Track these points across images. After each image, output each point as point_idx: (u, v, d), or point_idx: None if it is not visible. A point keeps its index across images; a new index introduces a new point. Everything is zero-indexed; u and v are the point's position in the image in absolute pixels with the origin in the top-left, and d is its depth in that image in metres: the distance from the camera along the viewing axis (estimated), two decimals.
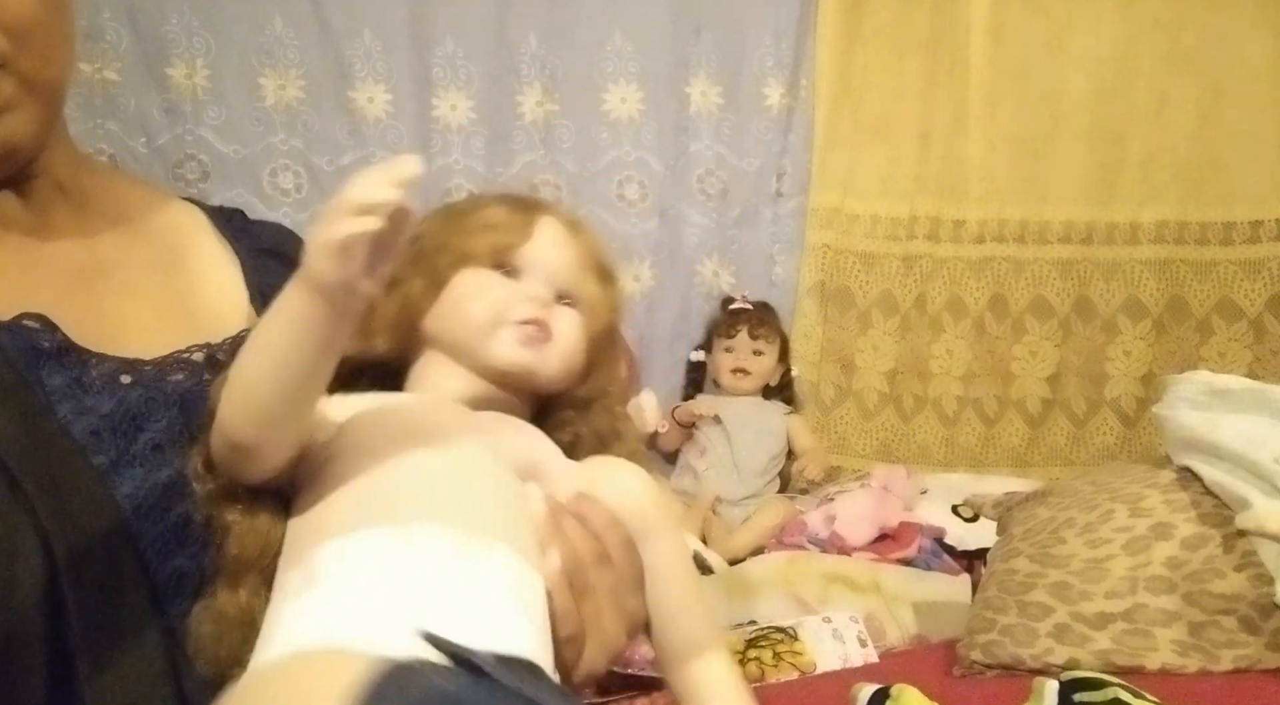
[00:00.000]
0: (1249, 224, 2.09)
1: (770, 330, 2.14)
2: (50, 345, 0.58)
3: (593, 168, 2.17)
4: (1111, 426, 2.17)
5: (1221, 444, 1.10)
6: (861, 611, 1.47)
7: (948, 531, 1.79)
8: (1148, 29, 2.10)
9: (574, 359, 0.66)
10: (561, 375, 0.66)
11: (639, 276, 2.20)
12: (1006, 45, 2.15)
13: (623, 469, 0.65)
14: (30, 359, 0.56)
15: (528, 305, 0.64)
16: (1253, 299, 2.08)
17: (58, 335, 0.58)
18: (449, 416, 0.61)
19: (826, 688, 0.97)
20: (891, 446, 2.25)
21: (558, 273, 0.66)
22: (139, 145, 1.94)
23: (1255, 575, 1.03)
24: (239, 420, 0.51)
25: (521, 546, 0.53)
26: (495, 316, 0.63)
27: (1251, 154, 2.07)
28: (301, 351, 0.49)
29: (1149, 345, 2.15)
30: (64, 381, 0.58)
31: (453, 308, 0.64)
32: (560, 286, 0.67)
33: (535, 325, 0.63)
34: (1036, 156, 2.17)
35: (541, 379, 0.65)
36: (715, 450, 2.06)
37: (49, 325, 0.58)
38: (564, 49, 2.12)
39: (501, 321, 0.63)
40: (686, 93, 2.18)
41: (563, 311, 0.66)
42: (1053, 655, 1.06)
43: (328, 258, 0.46)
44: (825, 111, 2.23)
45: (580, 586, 0.56)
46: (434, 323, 0.65)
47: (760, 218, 2.25)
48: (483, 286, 0.64)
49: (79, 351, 0.59)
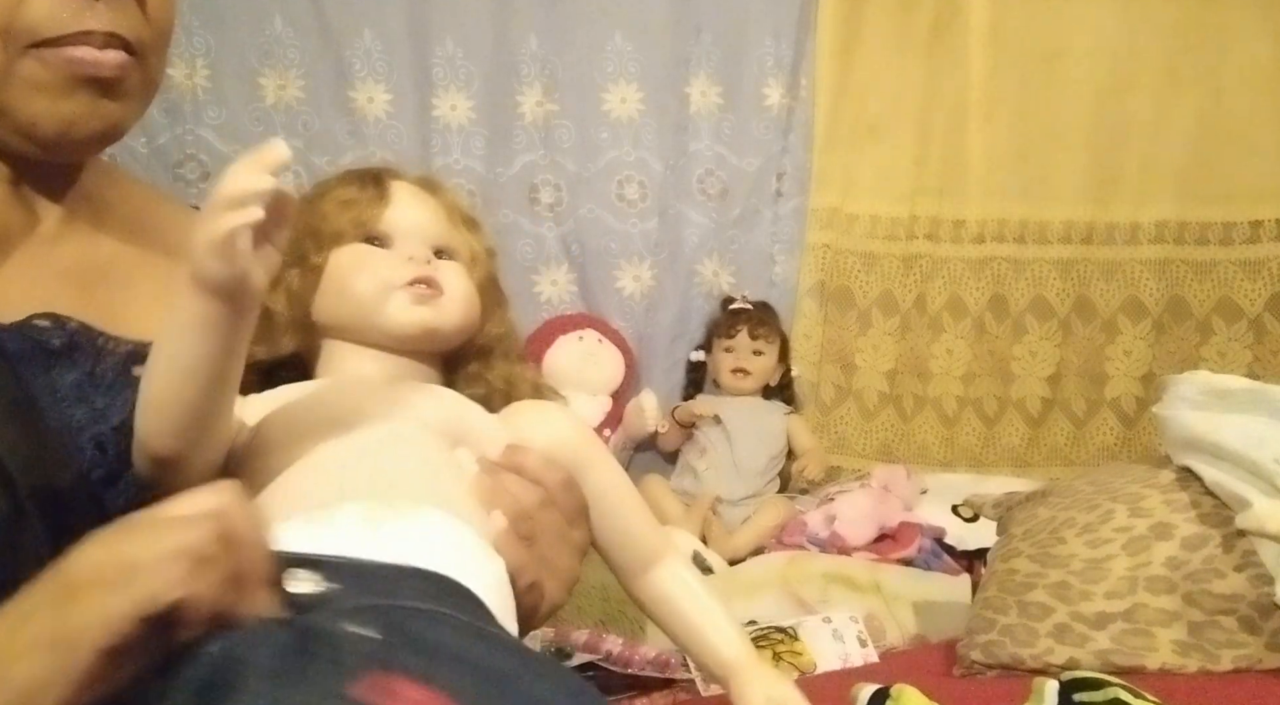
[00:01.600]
0: (1249, 224, 2.09)
1: (770, 330, 2.14)
2: (60, 342, 0.58)
3: (593, 168, 2.17)
4: (1111, 426, 2.17)
5: (1221, 444, 1.10)
6: (861, 611, 1.46)
7: (948, 531, 1.79)
8: (1148, 29, 2.09)
9: (471, 306, 0.67)
10: (463, 325, 0.66)
11: (639, 276, 2.20)
12: (1006, 45, 2.15)
13: (543, 411, 0.66)
14: (39, 361, 0.56)
15: (409, 267, 0.64)
16: (1253, 299, 2.08)
17: (70, 326, 0.58)
18: (362, 396, 0.61)
19: (826, 688, 0.97)
20: (891, 446, 2.25)
21: (426, 230, 0.67)
22: (139, 145, 1.94)
23: (1255, 575, 1.02)
24: (157, 435, 0.51)
25: (455, 509, 0.54)
26: (381, 285, 0.63)
27: (1251, 154, 2.06)
28: (208, 356, 0.49)
29: (1149, 345, 2.15)
30: (75, 378, 0.58)
31: (337, 289, 0.64)
32: (434, 242, 0.67)
33: (423, 283, 0.64)
34: (1036, 157, 2.17)
35: (446, 333, 0.65)
36: (715, 450, 2.06)
37: (59, 321, 0.58)
38: (564, 49, 2.12)
39: (388, 288, 0.63)
40: (686, 93, 2.18)
41: (445, 265, 0.66)
42: (1053, 655, 1.06)
43: (214, 255, 0.46)
44: (825, 111, 2.23)
45: (529, 534, 0.57)
46: (323, 309, 0.65)
47: (760, 218, 2.25)
48: (359, 261, 0.64)
49: (91, 340, 0.59)
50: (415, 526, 0.51)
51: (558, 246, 2.17)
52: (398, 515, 0.51)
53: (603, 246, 2.17)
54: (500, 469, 0.59)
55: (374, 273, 0.64)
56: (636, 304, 2.20)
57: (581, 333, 2.09)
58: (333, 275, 0.65)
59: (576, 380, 2.06)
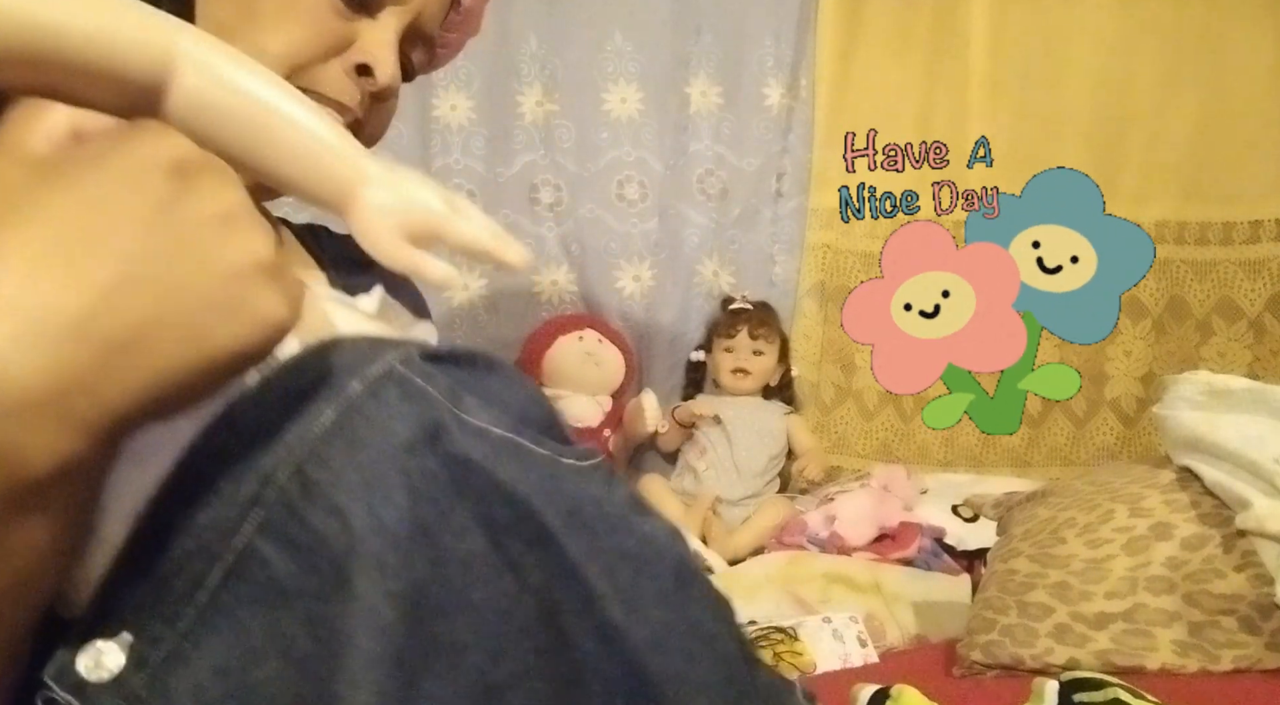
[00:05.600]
0: (1249, 224, 2.09)
1: (770, 330, 2.14)
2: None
3: (593, 168, 2.17)
4: (1111, 426, 2.17)
5: (1221, 444, 1.10)
6: (861, 611, 1.46)
7: (948, 531, 1.79)
8: (1148, 29, 2.10)
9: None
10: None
11: (639, 276, 2.20)
12: (1006, 45, 2.15)
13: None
14: None
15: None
16: (1253, 299, 2.08)
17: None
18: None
19: (826, 688, 0.96)
20: (891, 446, 2.25)
21: None
22: None
23: (1255, 575, 1.03)
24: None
25: None
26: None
27: (1251, 154, 2.06)
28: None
29: (1149, 345, 2.15)
30: None
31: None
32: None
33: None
34: (1036, 157, 2.17)
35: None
36: (715, 450, 2.06)
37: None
38: (564, 49, 2.12)
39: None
40: (686, 93, 2.18)
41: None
42: (1053, 655, 1.06)
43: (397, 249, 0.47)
44: (825, 111, 2.23)
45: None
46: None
47: (760, 218, 2.25)
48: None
49: None
50: None
51: (558, 246, 2.17)
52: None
53: (603, 246, 2.17)
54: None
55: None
56: (636, 304, 2.20)
57: (581, 333, 2.08)
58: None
59: (576, 380, 2.06)
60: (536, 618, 0.39)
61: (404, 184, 0.48)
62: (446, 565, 0.37)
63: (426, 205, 0.48)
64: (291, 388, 0.38)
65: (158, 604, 0.36)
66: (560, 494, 0.40)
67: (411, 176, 0.49)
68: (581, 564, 0.39)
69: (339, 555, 0.35)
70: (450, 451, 0.38)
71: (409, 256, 0.46)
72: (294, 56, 0.58)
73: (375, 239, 0.46)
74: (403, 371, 0.39)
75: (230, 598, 0.35)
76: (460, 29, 0.73)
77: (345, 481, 0.36)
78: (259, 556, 0.36)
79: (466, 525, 0.38)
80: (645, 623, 0.40)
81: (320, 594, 0.35)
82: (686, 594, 0.42)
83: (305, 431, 0.37)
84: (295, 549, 0.35)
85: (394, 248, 0.46)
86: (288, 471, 0.36)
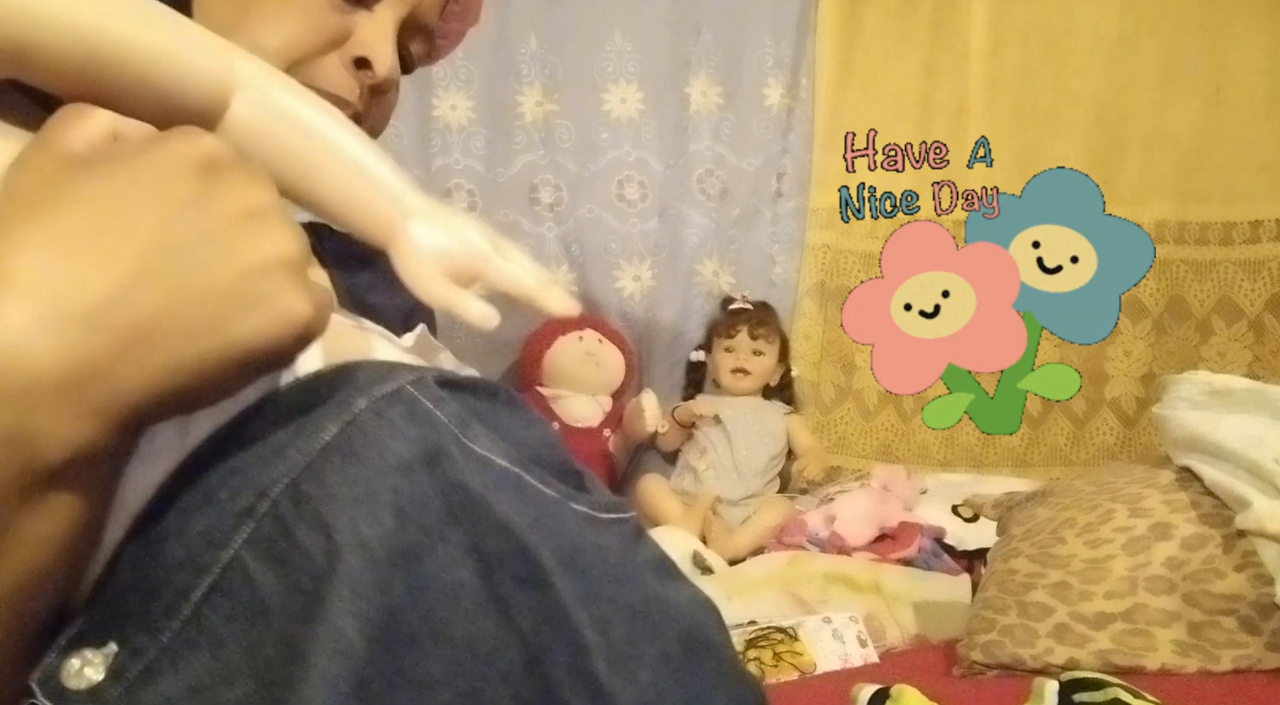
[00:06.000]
0: (1249, 224, 2.09)
1: (770, 330, 2.14)
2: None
3: (593, 168, 2.17)
4: (1111, 426, 2.17)
5: (1221, 444, 1.10)
6: (861, 611, 1.46)
7: (948, 531, 1.79)
8: (1148, 29, 2.10)
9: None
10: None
11: (639, 276, 2.20)
12: (1006, 45, 2.15)
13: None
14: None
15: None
16: (1253, 299, 2.08)
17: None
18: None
19: (826, 688, 0.97)
20: (891, 446, 2.25)
21: None
22: None
23: (1255, 575, 1.02)
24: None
25: None
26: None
27: (1251, 154, 2.06)
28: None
29: (1149, 345, 2.15)
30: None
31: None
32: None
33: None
34: (1035, 157, 2.17)
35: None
36: (715, 450, 2.06)
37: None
38: (564, 49, 2.12)
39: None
40: (686, 93, 2.18)
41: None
42: (1053, 655, 1.06)
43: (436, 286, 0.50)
44: (825, 111, 2.23)
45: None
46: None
47: (760, 218, 2.25)
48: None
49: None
50: None
51: (558, 246, 2.17)
52: None
53: (603, 246, 2.17)
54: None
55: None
56: (636, 304, 2.20)
57: (581, 333, 2.08)
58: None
59: (576, 380, 2.06)
60: (521, 663, 0.36)
61: (450, 221, 0.48)
62: (426, 593, 0.35)
63: (471, 244, 0.47)
64: (301, 403, 0.37)
65: (145, 614, 0.35)
66: (560, 534, 0.38)
67: (457, 214, 0.49)
68: (574, 610, 0.37)
69: (321, 573, 0.34)
70: (448, 477, 0.36)
71: (449, 295, 0.46)
72: (292, 51, 0.57)
73: (417, 276, 0.46)
74: (412, 392, 0.38)
75: (212, 613, 0.34)
76: (459, 19, 0.73)
77: (336, 497, 0.35)
78: (245, 571, 0.35)
79: (455, 555, 0.36)
80: (633, 684, 0.37)
81: (297, 615, 0.34)
82: (694, 665, 0.40)
83: (306, 446, 0.36)
84: (281, 565, 0.34)
85: (435, 285, 0.46)
86: (283, 485, 0.35)
